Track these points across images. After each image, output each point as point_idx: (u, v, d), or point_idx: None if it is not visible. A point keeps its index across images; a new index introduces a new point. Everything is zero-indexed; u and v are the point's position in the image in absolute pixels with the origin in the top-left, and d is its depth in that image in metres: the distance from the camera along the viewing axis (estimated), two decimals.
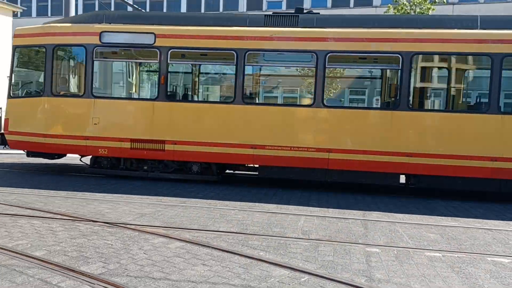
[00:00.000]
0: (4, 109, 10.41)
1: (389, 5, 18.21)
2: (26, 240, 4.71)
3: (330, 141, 8.46)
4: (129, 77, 10.91)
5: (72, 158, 11.12)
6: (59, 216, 5.77)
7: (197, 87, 10.85)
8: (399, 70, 8.28)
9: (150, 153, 9.05)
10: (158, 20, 9.38)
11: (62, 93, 9.58)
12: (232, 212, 6.49)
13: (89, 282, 3.61)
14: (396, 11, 16.92)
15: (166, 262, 4.20)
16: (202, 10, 33.46)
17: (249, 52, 8.70)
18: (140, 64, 10.82)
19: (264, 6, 32.18)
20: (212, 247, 4.69)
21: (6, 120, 9.80)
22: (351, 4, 31.11)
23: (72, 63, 9.97)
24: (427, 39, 8.16)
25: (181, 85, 10.99)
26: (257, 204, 7.14)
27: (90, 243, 4.71)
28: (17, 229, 5.13)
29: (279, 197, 7.83)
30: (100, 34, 9.11)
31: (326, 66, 8.54)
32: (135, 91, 10.85)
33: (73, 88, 9.95)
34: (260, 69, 10.28)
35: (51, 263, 4.02)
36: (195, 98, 10.62)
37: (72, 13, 13.63)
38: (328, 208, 7.07)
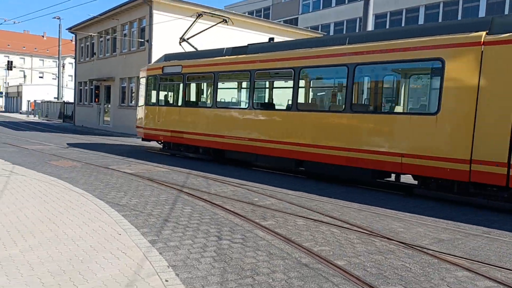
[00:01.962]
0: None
1: None
2: (328, 247, 5.04)
3: (257, 133, 11.54)
4: (172, 92, 15.77)
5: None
6: (355, 228, 5.97)
7: (198, 97, 15.21)
8: (292, 80, 10.79)
9: (178, 139, 14.35)
10: (185, 57, 14.77)
11: (149, 103, 15.82)
12: None
13: None
14: None
15: None
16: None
17: (219, 74, 12.82)
18: (178, 84, 14.92)
19: None
20: None
21: (136, 120, 16.98)
22: None
23: (153, 85, 15.74)
24: (308, 56, 10.39)
25: (196, 95, 15.32)
26: None
27: (388, 262, 4.62)
28: (320, 234, 5.58)
29: None
30: (162, 68, 15.11)
31: (255, 80, 11.84)
32: (174, 101, 15.33)
33: (152, 100, 15.79)
34: (225, 84, 13.80)
35: (352, 275, 4.13)
36: (198, 105, 14.47)
37: (369, 29, 14.39)
38: None
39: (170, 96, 15.80)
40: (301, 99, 11.51)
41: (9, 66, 45.86)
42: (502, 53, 7.55)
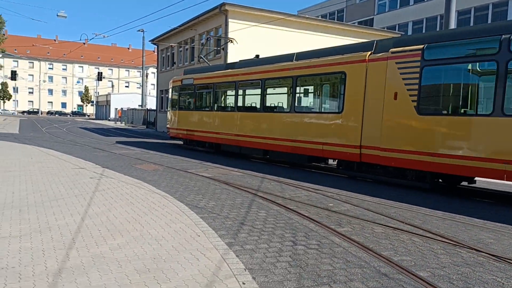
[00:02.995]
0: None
1: None
2: (410, 257, 4.80)
3: (240, 130, 15.12)
4: (187, 99, 19.54)
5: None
6: (439, 238, 5.62)
7: (203, 103, 18.41)
8: (261, 89, 14.32)
9: (191, 136, 18.54)
10: (197, 71, 19.29)
11: (173, 108, 20.31)
12: None
13: None
14: None
15: None
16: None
17: (216, 84, 16.86)
18: (191, 93, 18.97)
19: None
20: None
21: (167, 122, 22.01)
22: None
23: (176, 94, 20.25)
24: (269, 70, 14.02)
25: (202, 102, 18.59)
26: None
27: (476, 275, 4.29)
28: (400, 243, 5.34)
29: None
30: (181, 81, 19.51)
31: (238, 89, 15.46)
32: (190, 106, 19.14)
33: (176, 106, 20.22)
34: (220, 92, 17.29)
35: None
36: (203, 109, 18.11)
37: (452, 26, 13.64)
38: None
39: (186, 102, 19.69)
40: (266, 103, 14.50)
41: (99, 77, 49.82)
42: (377, 67, 10.29)
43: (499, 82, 8.01)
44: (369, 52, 10.61)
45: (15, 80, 53.65)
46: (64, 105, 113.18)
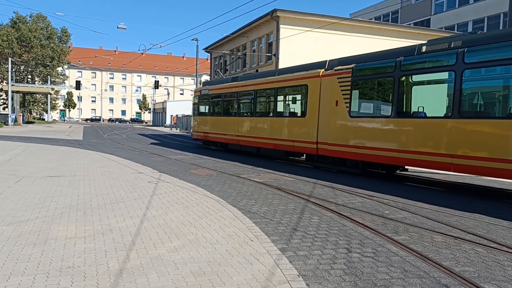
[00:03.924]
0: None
1: None
2: (473, 268, 4.55)
3: (240, 132, 18.67)
4: (204, 107, 22.96)
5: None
6: (505, 249, 5.28)
7: (216, 110, 21.66)
8: (253, 98, 18.02)
9: (207, 138, 22.23)
10: (212, 83, 23.76)
11: (195, 114, 23.97)
12: None
13: None
14: None
15: None
16: None
17: (224, 94, 20.56)
18: (207, 101, 22.44)
19: None
20: None
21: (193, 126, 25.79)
22: None
23: (196, 102, 23.96)
24: (259, 83, 17.52)
25: (214, 108, 21.82)
26: None
27: None
28: (461, 253, 5.07)
29: None
30: (200, 91, 23.49)
31: (239, 98, 19.23)
32: (206, 112, 22.68)
33: (196, 112, 24.00)
34: (226, 101, 20.55)
35: None
36: (215, 115, 21.55)
37: None
38: None
39: (204, 109, 23.27)
40: (257, 109, 17.98)
41: (156, 85, 51.74)
42: (327, 81, 13.43)
43: (395, 92, 11.07)
44: (323, 70, 13.79)
45: (79, 89, 57.05)
46: (123, 112, 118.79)
